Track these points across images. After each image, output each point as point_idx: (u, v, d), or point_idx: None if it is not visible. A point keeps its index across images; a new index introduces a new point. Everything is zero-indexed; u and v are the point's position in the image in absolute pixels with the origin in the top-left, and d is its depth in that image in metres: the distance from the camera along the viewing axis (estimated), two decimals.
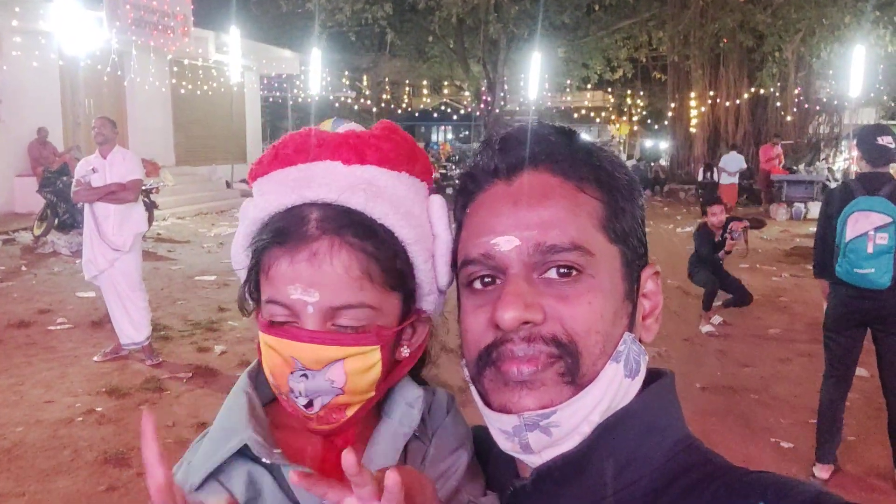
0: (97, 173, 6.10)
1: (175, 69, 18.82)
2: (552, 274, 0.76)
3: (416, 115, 34.51)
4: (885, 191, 4.00)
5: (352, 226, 0.80)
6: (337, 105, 28.80)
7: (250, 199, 0.88)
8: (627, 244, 0.80)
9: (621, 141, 36.61)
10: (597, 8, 22.57)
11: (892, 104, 22.62)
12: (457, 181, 0.89)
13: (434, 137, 39.14)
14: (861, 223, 4.01)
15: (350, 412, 0.82)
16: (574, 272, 0.76)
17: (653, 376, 0.82)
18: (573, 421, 0.74)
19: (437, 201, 0.89)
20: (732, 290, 7.81)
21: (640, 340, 0.82)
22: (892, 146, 4.08)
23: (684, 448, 0.78)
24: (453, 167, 22.22)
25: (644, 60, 26.21)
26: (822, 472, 4.27)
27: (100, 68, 15.16)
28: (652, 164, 28.05)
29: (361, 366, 0.80)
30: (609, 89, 30.62)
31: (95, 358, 6.28)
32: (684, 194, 22.56)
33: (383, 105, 30.18)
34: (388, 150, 0.87)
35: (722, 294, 7.86)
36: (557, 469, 0.76)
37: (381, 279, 0.81)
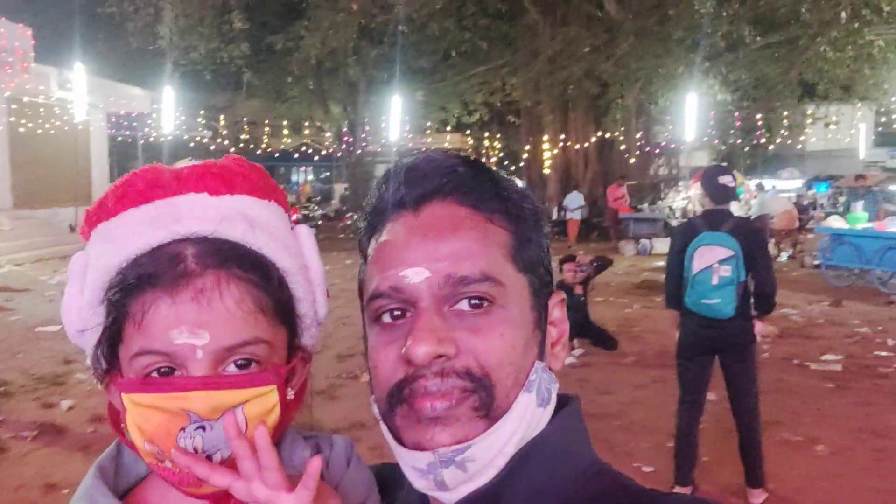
0: None
1: (14, 106, 17.62)
2: (463, 306, 0.74)
3: (276, 155, 33.97)
4: (727, 226, 4.35)
5: (235, 258, 0.75)
6: (192, 145, 27.84)
7: (82, 253, 0.79)
8: (535, 273, 0.80)
9: None
10: (453, 54, 23.29)
11: (723, 147, 24.66)
12: (361, 213, 0.87)
13: (294, 178, 38.65)
14: (706, 256, 4.32)
15: None
16: (485, 303, 0.75)
17: (560, 402, 0.82)
18: (488, 454, 0.73)
19: (306, 231, 0.86)
20: (599, 340, 8.21)
21: (549, 368, 0.82)
22: (732, 185, 4.46)
23: (595, 473, 0.78)
24: (315, 207, 22.02)
25: (499, 105, 27.20)
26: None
27: None
28: None
29: (262, 409, 0.75)
30: (467, 132, 31.48)
31: None
32: None
33: (241, 145, 29.52)
34: (256, 178, 0.83)
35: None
36: None
37: (271, 311, 0.76)
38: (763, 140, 23.69)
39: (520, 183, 0.84)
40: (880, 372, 7.42)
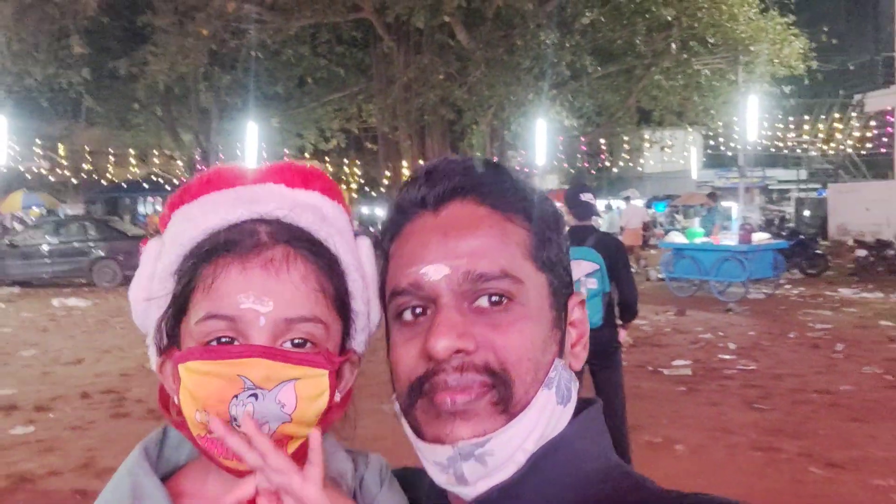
0: None
1: None
2: (483, 302, 0.76)
3: (124, 185, 32.10)
4: (591, 241, 4.62)
5: (304, 240, 0.79)
6: (28, 176, 25.96)
7: (158, 239, 0.82)
8: (554, 272, 0.82)
9: None
10: (309, 80, 23.14)
11: (572, 171, 25.93)
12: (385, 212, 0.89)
13: (142, 209, 36.70)
14: (574, 271, 4.53)
15: (291, 448, 0.76)
16: (505, 300, 0.76)
17: (582, 404, 0.83)
18: (508, 449, 0.74)
19: (366, 243, 0.89)
20: None
21: (569, 367, 0.82)
22: (593, 202, 4.75)
23: (616, 475, 0.79)
24: None
25: (356, 131, 27.28)
26: None
27: None
28: (371, 228, 29.09)
29: (313, 391, 0.75)
30: (326, 159, 31.32)
31: None
32: None
33: (84, 175, 27.82)
34: (329, 181, 0.87)
35: None
36: (493, 501, 0.75)
37: (332, 296, 0.79)
38: (608, 163, 25.15)
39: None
40: (725, 374, 8.05)
